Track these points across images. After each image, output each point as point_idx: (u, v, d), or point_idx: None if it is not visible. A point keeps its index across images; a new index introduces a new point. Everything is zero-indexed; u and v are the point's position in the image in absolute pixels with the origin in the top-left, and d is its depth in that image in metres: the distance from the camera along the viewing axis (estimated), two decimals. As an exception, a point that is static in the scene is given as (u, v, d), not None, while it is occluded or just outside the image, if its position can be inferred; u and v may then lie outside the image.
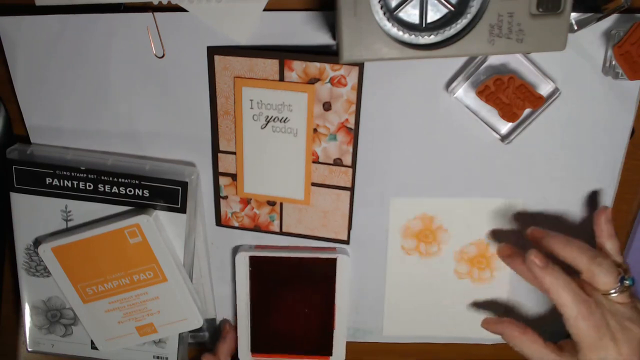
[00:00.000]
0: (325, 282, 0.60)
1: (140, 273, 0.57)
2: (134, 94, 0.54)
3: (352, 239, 0.59)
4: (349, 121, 0.53)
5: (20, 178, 0.56)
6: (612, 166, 0.55)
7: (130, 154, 0.57)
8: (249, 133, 0.55)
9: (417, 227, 0.58)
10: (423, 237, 0.59)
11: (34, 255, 0.59)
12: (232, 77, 0.53)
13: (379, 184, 0.57)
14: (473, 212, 0.57)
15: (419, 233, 0.58)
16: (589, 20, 0.48)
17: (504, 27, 0.41)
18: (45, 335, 0.63)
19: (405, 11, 0.42)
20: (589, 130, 0.53)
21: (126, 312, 0.59)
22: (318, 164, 0.56)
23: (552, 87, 0.51)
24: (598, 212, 0.54)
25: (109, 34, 0.51)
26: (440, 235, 0.58)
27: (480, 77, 0.51)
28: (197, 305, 0.60)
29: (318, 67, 0.51)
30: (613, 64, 0.49)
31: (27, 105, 0.55)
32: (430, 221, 0.58)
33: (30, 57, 0.53)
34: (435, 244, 0.59)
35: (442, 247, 0.59)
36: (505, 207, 0.57)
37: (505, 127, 0.53)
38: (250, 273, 0.60)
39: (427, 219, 0.58)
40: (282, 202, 0.58)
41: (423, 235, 0.59)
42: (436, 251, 0.59)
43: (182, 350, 0.62)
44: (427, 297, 0.61)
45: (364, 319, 0.64)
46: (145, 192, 0.55)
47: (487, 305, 0.62)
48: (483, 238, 0.58)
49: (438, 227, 0.58)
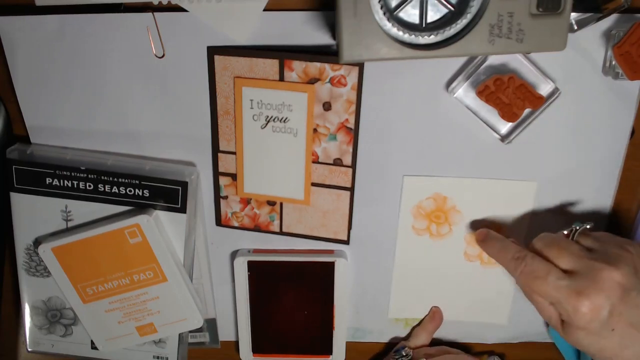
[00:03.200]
0: (323, 285, 0.60)
1: (140, 273, 0.57)
2: (134, 94, 0.54)
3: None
4: (349, 121, 0.53)
5: (20, 178, 0.56)
6: (612, 166, 0.55)
7: (130, 154, 0.57)
8: (249, 133, 0.55)
9: (430, 206, 0.58)
10: (435, 218, 0.58)
11: (34, 255, 0.59)
12: (232, 77, 0.53)
13: (379, 184, 0.57)
14: (487, 193, 0.57)
15: (431, 213, 0.58)
16: (589, 20, 0.48)
17: (504, 27, 0.41)
18: (45, 335, 0.63)
19: (405, 11, 0.42)
20: (589, 130, 0.53)
21: (126, 312, 0.59)
22: (318, 164, 0.56)
23: (552, 87, 0.51)
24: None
25: (109, 34, 0.51)
26: (452, 216, 0.58)
27: (480, 77, 0.51)
28: (197, 305, 0.60)
29: (318, 67, 0.51)
30: (613, 64, 0.49)
31: (27, 105, 0.55)
32: (443, 201, 0.57)
33: (30, 57, 0.53)
34: (446, 225, 0.59)
35: (454, 228, 0.59)
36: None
37: (505, 127, 0.53)
38: (248, 277, 0.60)
39: (440, 199, 0.57)
40: (282, 202, 0.58)
41: (435, 215, 0.58)
42: (447, 232, 0.59)
43: (182, 350, 0.62)
44: (435, 279, 0.61)
45: (364, 319, 0.64)
46: (145, 192, 0.55)
47: (495, 288, 0.61)
48: (497, 221, 0.58)
49: (451, 207, 0.58)
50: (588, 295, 0.43)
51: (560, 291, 0.45)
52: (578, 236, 0.49)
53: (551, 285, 0.45)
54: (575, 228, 0.50)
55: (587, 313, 0.43)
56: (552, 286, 0.45)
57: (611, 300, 0.43)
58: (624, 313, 0.44)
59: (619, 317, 0.44)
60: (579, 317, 0.44)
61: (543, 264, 0.47)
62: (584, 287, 0.44)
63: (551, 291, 0.45)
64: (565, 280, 0.45)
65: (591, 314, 0.43)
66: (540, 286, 0.46)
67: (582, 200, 0.56)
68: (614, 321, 0.44)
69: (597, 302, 0.43)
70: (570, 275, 0.45)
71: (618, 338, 0.44)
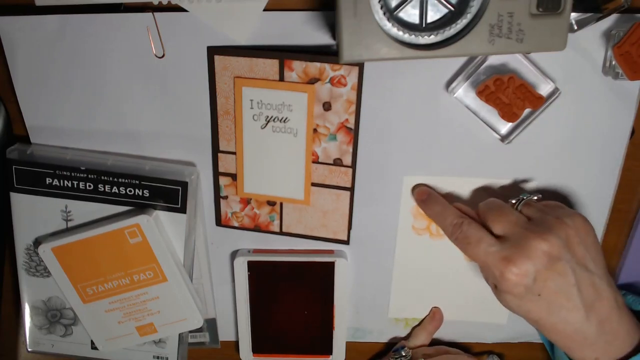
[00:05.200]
0: (323, 285, 0.60)
1: (140, 273, 0.57)
2: (134, 94, 0.54)
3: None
4: (349, 121, 0.53)
5: (20, 178, 0.56)
6: (612, 166, 0.55)
7: (130, 154, 0.57)
8: (249, 133, 0.55)
9: None
10: None
11: (34, 255, 0.59)
12: (232, 77, 0.53)
13: (379, 184, 0.57)
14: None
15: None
16: (589, 20, 0.48)
17: (504, 27, 0.41)
18: (45, 335, 0.63)
19: (405, 11, 0.42)
20: (589, 130, 0.53)
21: (126, 312, 0.59)
22: (318, 164, 0.56)
23: (552, 87, 0.51)
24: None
25: (109, 34, 0.51)
26: None
27: (480, 77, 0.51)
28: (197, 305, 0.60)
29: (318, 67, 0.51)
30: (613, 64, 0.49)
31: (27, 105, 0.55)
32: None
33: (30, 57, 0.53)
34: None
35: None
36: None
37: (505, 127, 0.53)
38: (248, 277, 0.60)
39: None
40: (282, 202, 0.58)
41: None
42: None
43: (182, 350, 0.62)
44: (435, 279, 0.61)
45: (364, 319, 0.64)
46: (145, 192, 0.55)
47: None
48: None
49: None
50: (514, 262, 0.45)
51: (488, 257, 0.47)
52: (522, 206, 0.50)
53: (482, 251, 0.47)
54: (522, 198, 0.51)
55: (511, 278, 0.46)
56: (482, 252, 0.47)
57: (536, 267, 0.45)
58: (549, 280, 0.45)
59: (544, 284, 0.45)
60: (505, 281, 0.46)
61: (477, 231, 0.49)
62: (511, 253, 0.46)
63: (482, 256, 0.47)
64: (496, 247, 0.47)
65: (516, 279, 0.45)
66: (472, 252, 0.48)
67: (582, 200, 0.56)
68: (538, 287, 0.46)
69: (522, 269, 0.45)
70: (501, 242, 0.47)
71: (545, 304, 0.46)
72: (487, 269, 0.48)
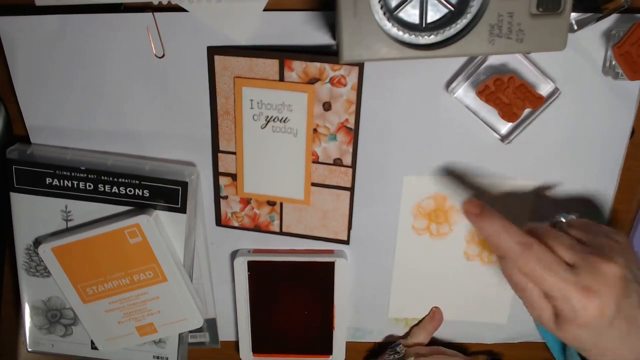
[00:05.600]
0: (323, 285, 0.60)
1: (140, 273, 0.57)
2: (134, 94, 0.54)
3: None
4: (349, 121, 0.53)
5: (20, 178, 0.56)
6: (612, 166, 0.55)
7: (130, 154, 0.57)
8: (249, 133, 0.55)
9: (430, 206, 0.58)
10: (435, 218, 0.58)
11: (34, 255, 0.59)
12: (232, 77, 0.53)
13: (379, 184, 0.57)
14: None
15: (431, 213, 0.58)
16: (589, 20, 0.48)
17: (504, 27, 0.41)
18: (45, 335, 0.63)
19: (405, 11, 0.42)
20: (589, 130, 0.53)
21: (126, 312, 0.59)
22: (318, 164, 0.56)
23: (552, 87, 0.51)
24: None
25: (109, 34, 0.51)
26: (452, 215, 0.58)
27: (480, 77, 0.51)
28: (197, 305, 0.60)
29: (318, 67, 0.51)
30: (613, 64, 0.49)
31: (27, 105, 0.55)
32: (443, 201, 0.57)
33: (30, 57, 0.53)
34: (446, 225, 0.59)
35: (454, 227, 0.59)
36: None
37: (505, 127, 0.53)
38: (248, 277, 0.60)
39: (440, 198, 0.57)
40: (282, 202, 0.58)
41: (435, 215, 0.58)
42: (447, 232, 0.59)
43: (182, 350, 0.62)
44: (435, 279, 0.61)
45: (364, 319, 0.64)
46: (145, 192, 0.55)
47: (494, 288, 0.61)
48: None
49: (451, 207, 0.58)
50: (597, 292, 0.41)
51: (567, 285, 0.41)
52: (565, 227, 0.47)
53: (560, 277, 0.42)
54: (560, 219, 0.48)
55: (594, 310, 0.41)
56: (560, 278, 0.42)
57: (617, 296, 0.41)
58: (623, 307, 0.42)
59: (620, 312, 0.41)
60: (586, 314, 0.41)
61: (550, 254, 0.43)
62: (591, 283, 0.41)
63: (559, 284, 0.42)
64: (570, 274, 0.42)
65: (600, 311, 0.41)
66: (546, 277, 0.42)
67: (582, 200, 0.56)
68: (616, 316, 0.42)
69: (606, 300, 0.41)
70: (572, 270, 0.42)
71: (617, 332, 0.42)
72: (561, 299, 0.42)
